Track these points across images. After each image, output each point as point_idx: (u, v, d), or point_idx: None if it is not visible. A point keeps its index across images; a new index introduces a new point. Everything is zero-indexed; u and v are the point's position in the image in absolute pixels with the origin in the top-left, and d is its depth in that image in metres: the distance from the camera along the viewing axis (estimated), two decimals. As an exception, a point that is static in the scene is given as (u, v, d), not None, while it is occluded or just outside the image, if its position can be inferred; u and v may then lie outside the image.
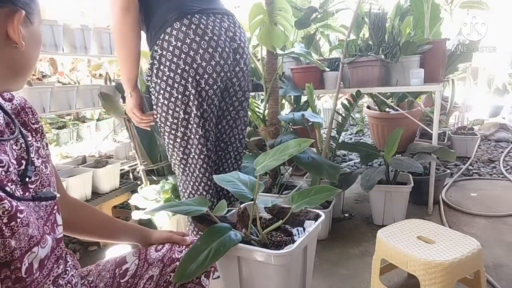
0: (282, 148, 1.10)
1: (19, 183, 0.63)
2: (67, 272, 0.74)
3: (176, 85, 1.35)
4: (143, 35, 1.45)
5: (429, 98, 3.51)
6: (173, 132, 1.44)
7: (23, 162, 0.65)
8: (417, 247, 1.27)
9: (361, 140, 4.38)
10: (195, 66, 1.32)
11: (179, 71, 1.33)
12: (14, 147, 0.66)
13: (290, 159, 1.12)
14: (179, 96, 1.36)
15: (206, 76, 1.35)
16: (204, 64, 1.33)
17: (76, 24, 2.12)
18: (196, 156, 1.45)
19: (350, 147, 2.42)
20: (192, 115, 1.39)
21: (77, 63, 5.09)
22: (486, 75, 5.57)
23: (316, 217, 1.25)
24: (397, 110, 2.89)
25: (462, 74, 4.08)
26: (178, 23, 1.30)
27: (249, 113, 2.49)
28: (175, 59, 1.32)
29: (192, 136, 1.43)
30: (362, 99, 3.58)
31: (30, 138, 0.70)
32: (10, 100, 0.70)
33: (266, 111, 2.18)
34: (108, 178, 2.15)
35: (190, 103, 1.37)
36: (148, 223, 1.93)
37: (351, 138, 4.65)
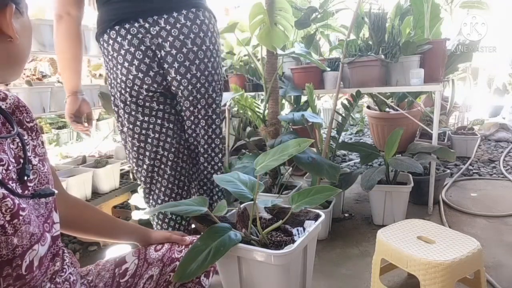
0: (282, 148, 1.10)
1: (18, 181, 0.63)
2: (65, 270, 0.74)
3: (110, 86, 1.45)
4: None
5: (429, 98, 3.51)
6: (119, 125, 1.51)
7: (21, 161, 0.65)
8: (417, 247, 1.27)
9: (361, 140, 4.38)
10: (119, 80, 1.36)
11: (109, 79, 1.43)
12: (12, 146, 0.65)
13: (290, 159, 1.12)
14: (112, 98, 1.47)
15: (128, 89, 1.36)
16: (123, 78, 1.35)
17: (76, 24, 2.11)
18: (133, 151, 1.48)
19: (350, 147, 2.42)
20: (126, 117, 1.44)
21: (77, 63, 5.07)
22: (486, 75, 5.56)
23: (316, 217, 1.25)
24: (397, 110, 2.89)
25: (462, 74, 4.07)
26: (106, 35, 1.32)
27: (249, 113, 2.50)
28: (106, 65, 1.41)
29: (130, 138, 1.46)
30: (362, 99, 3.57)
31: (26, 137, 0.69)
32: (4, 99, 0.68)
33: (266, 111, 2.18)
34: (108, 178, 2.15)
35: (122, 106, 1.43)
36: (148, 223, 1.92)
37: (351, 138, 4.65)
